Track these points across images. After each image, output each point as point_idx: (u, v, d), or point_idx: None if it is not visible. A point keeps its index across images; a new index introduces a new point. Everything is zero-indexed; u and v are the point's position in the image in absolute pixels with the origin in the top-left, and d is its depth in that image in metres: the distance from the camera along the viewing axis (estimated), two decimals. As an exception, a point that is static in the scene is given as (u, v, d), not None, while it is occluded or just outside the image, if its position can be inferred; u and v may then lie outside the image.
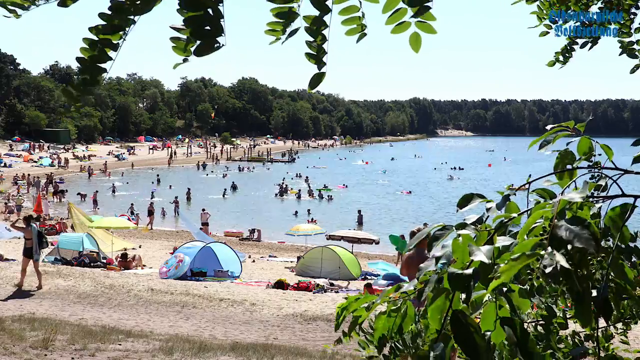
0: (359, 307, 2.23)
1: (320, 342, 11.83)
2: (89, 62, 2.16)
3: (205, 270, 23.23)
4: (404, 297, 2.07)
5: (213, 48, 2.06)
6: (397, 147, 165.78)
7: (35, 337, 9.27)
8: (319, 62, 2.30)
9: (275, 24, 2.21)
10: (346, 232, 31.53)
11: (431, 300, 1.64)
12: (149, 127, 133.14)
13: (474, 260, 1.61)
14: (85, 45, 2.15)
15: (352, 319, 2.28)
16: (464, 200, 1.96)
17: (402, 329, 2.15)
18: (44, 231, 20.23)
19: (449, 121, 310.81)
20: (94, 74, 2.18)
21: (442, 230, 1.82)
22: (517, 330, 1.59)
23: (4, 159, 77.77)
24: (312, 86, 2.33)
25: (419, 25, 2.16)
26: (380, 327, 2.18)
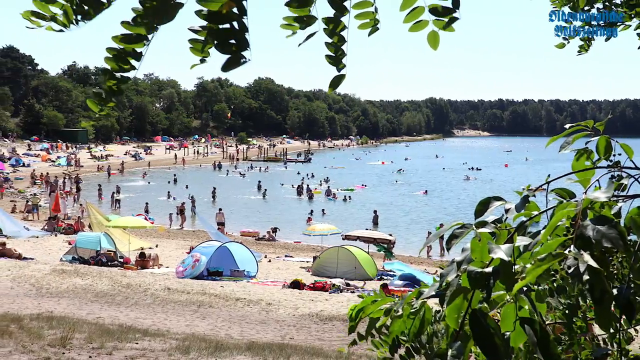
0: (375, 309, 2.21)
1: (336, 342, 11.82)
2: (114, 72, 2.17)
3: (221, 269, 23.29)
4: (422, 301, 2.05)
5: (239, 63, 2.04)
6: (413, 147, 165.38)
7: (53, 336, 9.33)
8: (338, 64, 2.30)
9: (291, 19, 2.21)
10: (362, 232, 31.47)
11: (449, 300, 1.62)
12: (166, 127, 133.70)
13: (493, 259, 1.59)
14: (110, 55, 2.17)
15: (368, 321, 2.27)
16: (482, 205, 1.91)
17: (419, 331, 2.13)
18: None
19: (465, 121, 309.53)
20: (118, 84, 2.20)
21: (461, 228, 1.80)
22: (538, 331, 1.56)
23: (23, 158, 78.40)
24: (333, 87, 2.33)
25: (436, 23, 2.15)
26: (396, 330, 2.16)
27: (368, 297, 2.28)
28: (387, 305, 2.19)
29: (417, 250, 34.48)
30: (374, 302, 2.23)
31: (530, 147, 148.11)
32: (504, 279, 1.57)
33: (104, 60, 2.17)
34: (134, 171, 78.55)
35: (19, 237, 30.23)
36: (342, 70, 2.32)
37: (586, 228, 1.58)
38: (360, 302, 2.28)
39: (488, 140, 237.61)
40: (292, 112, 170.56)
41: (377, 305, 2.21)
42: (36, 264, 22.39)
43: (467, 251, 1.69)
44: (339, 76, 2.32)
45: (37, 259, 24.25)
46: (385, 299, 2.23)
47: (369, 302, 2.24)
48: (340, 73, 2.33)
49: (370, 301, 2.24)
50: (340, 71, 2.32)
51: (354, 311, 2.28)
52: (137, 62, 2.16)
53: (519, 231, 1.76)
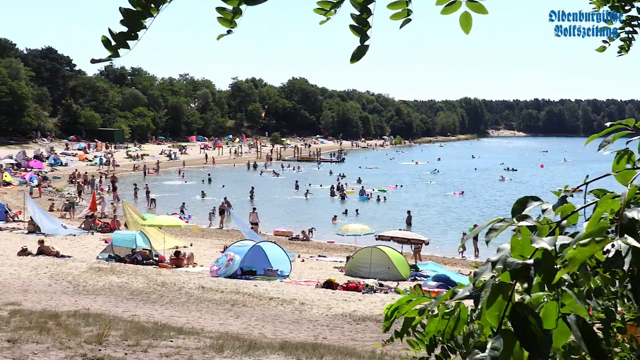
0: (410, 309, 2.20)
1: (370, 342, 11.79)
2: (131, 14, 2.16)
3: (255, 269, 23.39)
4: (457, 302, 2.03)
5: None
6: (447, 147, 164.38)
7: (89, 333, 9.46)
8: (363, 35, 2.29)
9: (325, 3, 2.20)
10: (395, 233, 31.36)
11: (490, 297, 1.58)
12: (201, 126, 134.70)
13: (536, 250, 1.55)
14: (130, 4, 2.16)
15: (404, 321, 2.25)
16: (519, 204, 1.86)
17: (455, 331, 2.11)
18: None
19: (500, 121, 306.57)
20: (134, 27, 2.19)
21: (500, 222, 1.75)
22: (583, 327, 1.52)
23: (61, 157, 79.66)
24: (355, 58, 2.32)
25: (469, 4, 2.14)
26: (432, 330, 2.14)
27: (404, 296, 2.26)
28: (421, 305, 2.18)
29: (451, 251, 34.32)
30: (409, 301, 2.22)
31: (568, 148, 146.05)
32: (545, 270, 1.53)
33: None
34: (169, 171, 79.32)
35: (56, 235, 30.69)
36: (366, 42, 2.31)
37: (631, 211, 1.54)
38: (396, 302, 2.27)
39: (523, 140, 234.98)
40: (325, 112, 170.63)
41: (412, 304, 2.20)
42: (73, 262, 22.72)
43: (502, 251, 1.66)
44: (361, 47, 2.31)
45: (74, 256, 24.60)
46: (421, 298, 2.21)
47: (404, 301, 2.23)
48: (364, 44, 2.31)
49: (405, 301, 2.23)
50: (363, 42, 2.31)
51: (389, 310, 2.27)
52: (156, 10, 2.15)
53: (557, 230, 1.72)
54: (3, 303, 13.21)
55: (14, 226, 34.02)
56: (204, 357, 8.54)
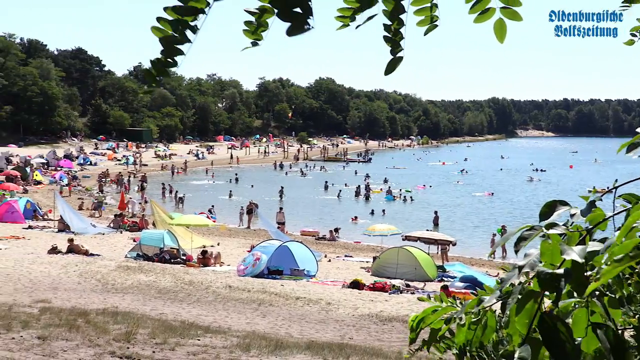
0: (436, 319, 2.18)
1: (396, 343, 11.76)
2: (167, 42, 2.17)
3: (281, 268, 23.43)
4: (484, 309, 2.00)
5: (303, 29, 2.04)
6: (474, 147, 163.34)
7: (118, 330, 9.54)
8: (396, 47, 2.27)
9: (345, 10, 2.19)
10: (422, 233, 31.22)
11: (519, 305, 1.57)
12: (228, 126, 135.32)
13: (565, 260, 1.54)
14: (160, 26, 2.16)
15: (430, 332, 2.23)
16: (547, 208, 1.84)
17: (483, 340, 2.08)
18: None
19: (529, 121, 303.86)
20: (172, 54, 2.20)
21: (529, 230, 1.74)
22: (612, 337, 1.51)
23: (90, 157, 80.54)
24: (389, 71, 2.30)
25: (504, 12, 2.11)
26: (462, 339, 2.11)
27: (429, 307, 2.23)
28: (447, 314, 2.15)
29: (478, 252, 34.10)
30: (435, 311, 2.19)
31: (598, 148, 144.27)
32: (576, 281, 1.52)
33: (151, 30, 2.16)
34: (197, 170, 79.80)
35: (86, 234, 30.99)
36: (400, 53, 2.29)
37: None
38: (421, 312, 2.24)
39: (552, 140, 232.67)
40: (352, 112, 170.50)
41: (438, 314, 2.17)
42: (102, 260, 22.96)
43: (530, 256, 1.65)
44: (395, 59, 2.29)
45: (103, 255, 24.84)
46: (446, 308, 2.18)
47: (429, 311, 2.20)
48: (397, 56, 2.29)
49: (430, 310, 2.20)
50: (396, 54, 2.29)
51: (414, 322, 2.25)
52: (193, 34, 2.16)
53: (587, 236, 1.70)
54: (33, 300, 13.39)
55: (44, 225, 34.45)
56: (231, 356, 8.57)
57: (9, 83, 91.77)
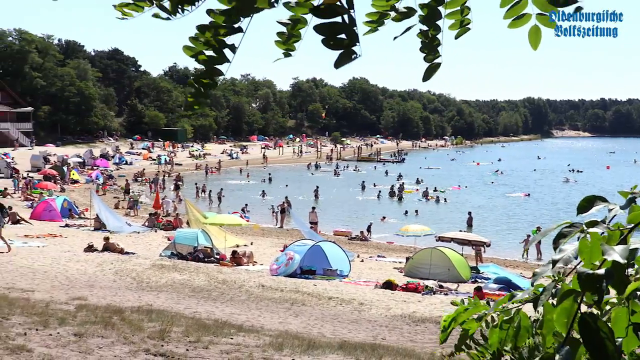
0: (468, 318, 2.15)
1: (429, 344, 11.69)
2: (207, 63, 2.18)
3: (314, 268, 23.45)
4: (516, 308, 1.97)
5: (351, 58, 2.01)
6: (509, 148, 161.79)
7: (152, 328, 9.63)
8: (434, 53, 2.25)
9: (372, 14, 2.16)
10: (456, 234, 30.99)
11: (557, 302, 1.54)
12: (262, 126, 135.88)
13: (606, 260, 1.51)
14: (192, 44, 2.16)
15: (461, 333, 2.20)
16: (586, 202, 1.80)
17: (516, 341, 2.03)
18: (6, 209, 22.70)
19: (565, 121, 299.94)
20: (211, 75, 2.21)
21: (569, 227, 1.71)
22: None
23: (125, 156, 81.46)
24: (427, 77, 2.28)
25: (540, 18, 2.07)
26: (495, 341, 2.07)
27: (461, 306, 2.20)
28: (479, 313, 2.12)
29: (513, 253, 33.77)
30: (467, 310, 2.16)
31: (638, 149, 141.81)
32: (617, 282, 1.49)
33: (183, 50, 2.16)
34: (231, 170, 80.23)
35: (121, 233, 31.33)
36: (437, 59, 2.27)
37: None
38: (453, 312, 2.22)
39: (589, 141, 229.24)
40: (386, 112, 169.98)
41: (469, 313, 2.14)
42: (137, 259, 23.20)
43: (564, 251, 1.62)
44: (433, 65, 2.27)
45: (138, 253, 25.10)
46: (478, 307, 2.15)
47: (461, 311, 2.17)
48: (435, 62, 2.27)
49: (462, 310, 2.17)
50: (434, 60, 2.27)
51: (447, 321, 2.22)
52: (232, 53, 2.15)
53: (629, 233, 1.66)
54: (70, 298, 13.59)
55: (80, 223, 34.92)
56: (264, 355, 8.60)
57: (47, 83, 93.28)
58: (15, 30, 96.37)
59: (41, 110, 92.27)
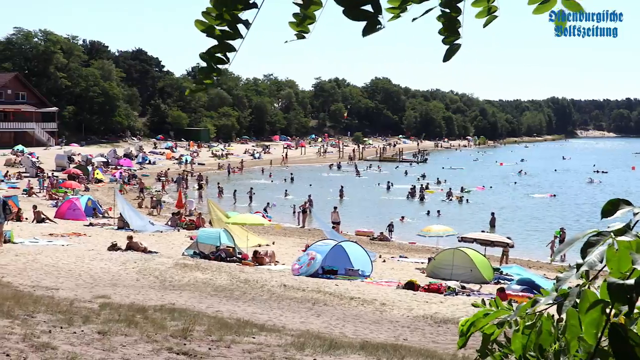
0: (488, 323, 2.11)
1: (451, 345, 11.64)
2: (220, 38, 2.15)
3: (336, 268, 23.43)
4: (538, 312, 1.93)
5: (375, 28, 1.99)
6: (533, 148, 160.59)
7: (175, 327, 9.68)
8: (454, 34, 2.22)
9: (395, 1, 2.15)
10: (479, 235, 30.82)
11: (584, 312, 1.51)
12: (284, 126, 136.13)
13: (636, 269, 1.48)
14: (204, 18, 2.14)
15: (482, 338, 2.16)
16: (611, 205, 1.76)
17: (541, 347, 2.00)
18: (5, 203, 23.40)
19: (589, 121, 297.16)
20: (223, 50, 2.19)
21: (597, 236, 1.67)
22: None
23: (149, 156, 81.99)
24: (447, 58, 2.25)
25: (566, 3, 2.04)
26: (519, 347, 2.02)
27: (480, 310, 2.16)
28: (500, 318, 2.08)
29: (536, 254, 33.51)
30: (486, 315, 2.13)
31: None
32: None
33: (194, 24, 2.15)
34: (253, 170, 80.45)
35: (144, 232, 31.51)
36: (458, 41, 2.24)
37: None
38: (472, 316, 2.19)
39: (614, 141, 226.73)
40: (408, 111, 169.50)
41: (490, 318, 2.10)
42: (160, 258, 23.33)
43: (590, 255, 1.59)
44: (453, 46, 2.25)
45: (161, 252, 25.24)
46: (498, 311, 2.12)
47: (480, 315, 2.12)
48: (455, 43, 2.24)
49: (482, 314, 2.14)
50: (455, 41, 2.24)
51: (464, 326, 2.17)
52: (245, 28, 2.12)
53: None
54: (94, 296, 13.70)
55: (104, 222, 35.21)
56: (286, 354, 8.62)
57: (72, 84, 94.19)
58: (41, 31, 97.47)
59: (66, 110, 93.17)
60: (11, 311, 9.28)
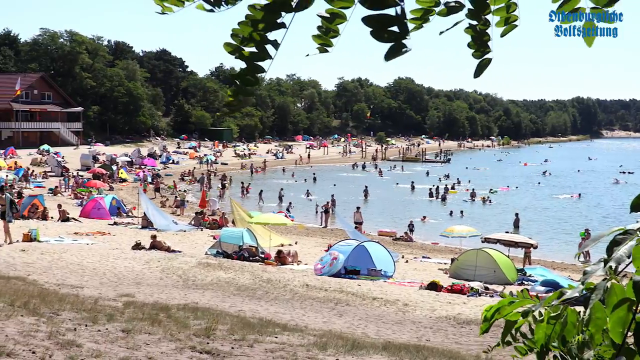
0: (512, 311, 2.12)
1: (474, 347, 11.59)
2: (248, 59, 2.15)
3: (358, 268, 23.40)
4: (564, 304, 1.93)
5: (401, 52, 1.98)
6: (557, 148, 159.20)
7: (198, 326, 9.73)
8: (484, 48, 2.20)
9: (417, 11, 2.13)
10: (502, 235, 30.61)
11: (611, 311, 1.50)
12: (306, 126, 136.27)
13: None
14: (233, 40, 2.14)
15: (505, 325, 2.16)
16: (639, 200, 1.72)
17: (564, 338, 2.00)
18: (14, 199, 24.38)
19: (615, 122, 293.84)
20: (252, 72, 2.19)
21: (624, 234, 1.66)
22: None
23: (172, 156, 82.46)
24: (478, 73, 2.23)
25: (594, 12, 1.99)
26: (542, 337, 2.03)
27: (505, 299, 2.17)
28: (525, 307, 2.08)
29: (561, 255, 33.19)
30: (511, 303, 2.13)
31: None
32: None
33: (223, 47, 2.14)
34: (276, 170, 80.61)
35: (168, 231, 31.69)
36: (488, 54, 2.22)
37: None
38: (497, 303, 2.18)
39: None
40: (431, 111, 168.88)
41: (515, 306, 2.10)
42: (183, 257, 23.45)
43: (616, 251, 1.57)
44: (484, 60, 2.23)
45: (184, 252, 25.36)
46: (524, 300, 2.11)
47: (505, 302, 2.14)
48: (485, 57, 2.23)
49: (507, 302, 2.14)
50: (484, 56, 2.22)
51: (489, 312, 2.18)
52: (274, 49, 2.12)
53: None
54: (118, 294, 13.81)
55: (128, 221, 35.47)
56: (308, 354, 8.62)
57: (96, 84, 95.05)
58: (67, 32, 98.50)
59: (90, 110, 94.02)
60: (37, 309, 9.38)
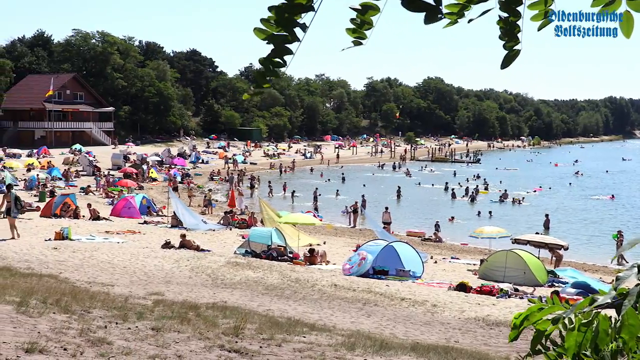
0: (542, 318, 2.09)
1: (504, 349, 11.49)
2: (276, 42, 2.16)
3: (387, 268, 23.33)
4: (595, 311, 1.90)
5: (437, 18, 1.98)
6: (589, 148, 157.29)
7: (226, 325, 9.77)
8: (513, 39, 2.19)
9: (453, 6, 2.12)
10: (533, 237, 30.31)
11: None
12: (335, 126, 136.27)
13: None
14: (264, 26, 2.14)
15: (535, 333, 2.13)
16: None
17: (597, 345, 1.95)
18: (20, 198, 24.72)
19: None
20: (281, 54, 2.19)
21: None
22: None
23: (202, 155, 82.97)
24: (506, 64, 2.23)
25: (631, 4, 1.96)
26: (573, 345, 1.99)
27: (535, 304, 2.14)
28: (554, 314, 2.04)
29: (592, 257, 32.77)
30: (541, 309, 2.09)
31: None
32: None
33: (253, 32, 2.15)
34: (305, 169, 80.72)
35: (197, 230, 31.91)
36: (517, 46, 2.21)
37: None
38: (526, 310, 2.16)
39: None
40: (461, 111, 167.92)
41: (544, 313, 2.06)
42: (212, 256, 23.59)
43: None
44: (512, 52, 2.22)
45: (213, 251, 25.51)
46: (553, 307, 2.08)
47: (535, 309, 2.10)
48: (514, 49, 2.22)
49: (536, 309, 2.10)
50: (514, 47, 2.21)
51: (518, 319, 2.15)
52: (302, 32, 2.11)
53: None
54: (148, 293, 13.93)
55: (158, 220, 35.76)
56: (336, 354, 8.62)
57: (128, 84, 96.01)
58: (99, 33, 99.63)
59: (122, 110, 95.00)
60: (68, 306, 9.50)
